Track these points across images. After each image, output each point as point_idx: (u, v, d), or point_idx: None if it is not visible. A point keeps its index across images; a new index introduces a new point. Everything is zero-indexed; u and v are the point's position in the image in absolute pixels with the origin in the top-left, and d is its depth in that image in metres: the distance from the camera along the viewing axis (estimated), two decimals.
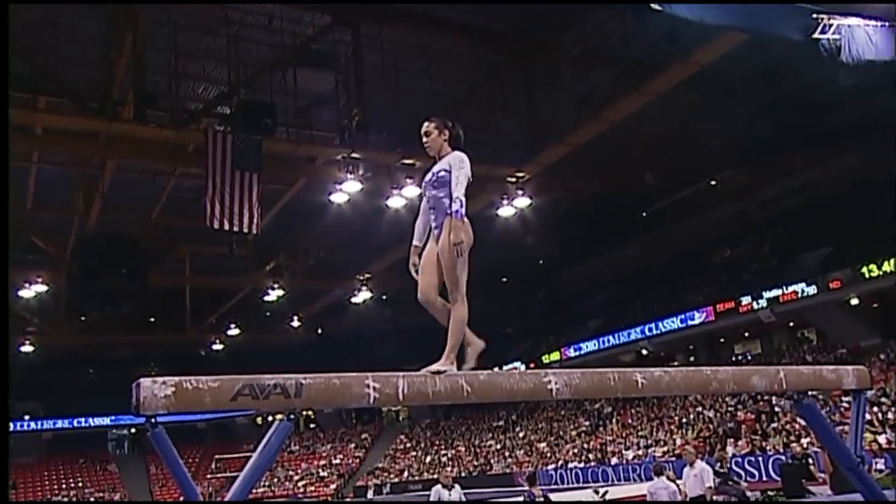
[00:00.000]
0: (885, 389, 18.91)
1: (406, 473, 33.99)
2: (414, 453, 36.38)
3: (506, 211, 20.20)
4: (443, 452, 34.50)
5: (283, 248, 24.85)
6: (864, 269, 21.13)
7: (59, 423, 40.24)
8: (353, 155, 14.98)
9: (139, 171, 18.36)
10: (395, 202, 18.38)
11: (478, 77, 16.64)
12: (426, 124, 3.92)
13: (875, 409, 17.98)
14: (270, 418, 35.45)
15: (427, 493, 9.65)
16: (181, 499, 31.82)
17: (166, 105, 14.50)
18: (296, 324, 31.74)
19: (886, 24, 12.44)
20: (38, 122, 14.13)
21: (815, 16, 12.23)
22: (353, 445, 40.55)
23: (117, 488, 38.82)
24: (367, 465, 37.71)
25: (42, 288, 21.89)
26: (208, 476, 36.27)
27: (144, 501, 36.43)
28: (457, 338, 3.78)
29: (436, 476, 22.92)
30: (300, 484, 37.37)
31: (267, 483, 37.17)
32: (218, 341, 31.67)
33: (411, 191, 17.63)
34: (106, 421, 41.27)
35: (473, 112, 16.53)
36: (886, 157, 23.37)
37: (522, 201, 19.61)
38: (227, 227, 13.75)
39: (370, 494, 30.04)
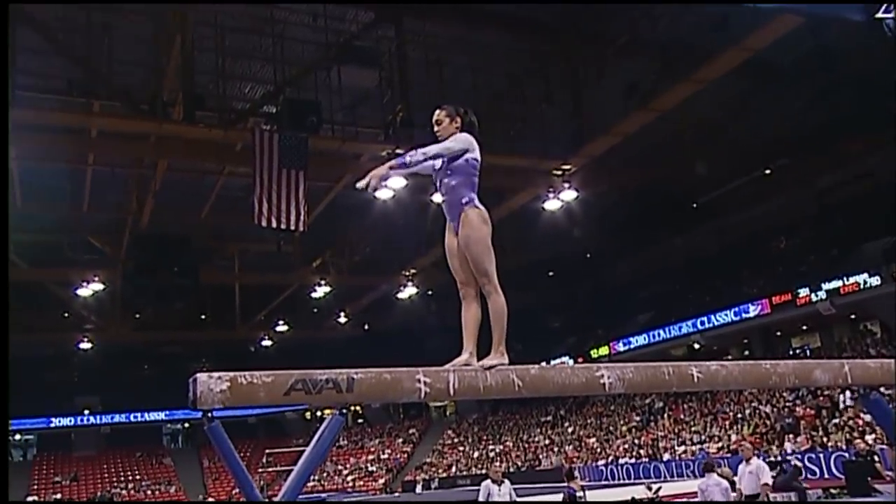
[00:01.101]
0: None
1: (454, 468, 34.09)
2: (461, 448, 36.47)
3: (552, 204, 20.03)
4: (490, 447, 34.50)
5: (329, 244, 25.15)
6: None
7: (117, 418, 41.60)
8: (398, 151, 15.03)
9: (189, 171, 18.79)
10: (438, 197, 18.43)
11: (522, 69, 16.52)
12: (437, 112, 3.86)
13: None
14: (320, 413, 35.99)
15: (476, 488, 9.64)
16: (235, 491, 32.45)
17: (214, 105, 14.80)
18: (342, 319, 32.10)
19: None
20: (93, 125, 14.55)
21: None
22: (400, 440, 40.86)
23: (172, 481, 39.92)
24: (415, 460, 37.95)
25: (99, 286, 22.58)
26: (259, 470, 37.02)
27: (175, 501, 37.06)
28: (502, 328, 3.73)
29: (484, 471, 22.98)
30: (349, 478, 37.84)
31: (316, 478, 37.73)
32: (267, 337, 32.26)
33: None
34: (161, 415, 42.50)
35: (518, 105, 16.46)
36: None
37: (569, 194, 19.41)
38: (274, 224, 13.97)
39: (419, 489, 30.26)
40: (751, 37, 13.11)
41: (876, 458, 11.28)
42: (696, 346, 27.84)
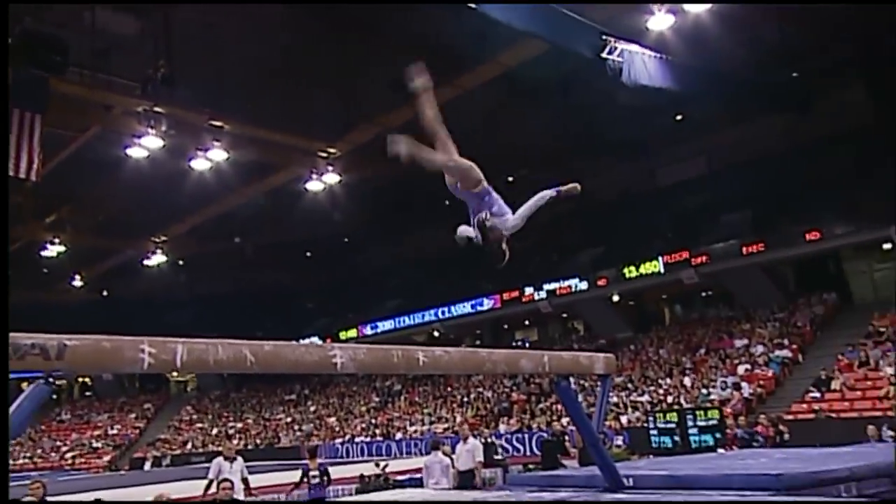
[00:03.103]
0: (631, 376, 21.25)
1: (190, 445, 32.46)
2: (200, 425, 34.84)
3: (314, 185, 19.92)
4: (231, 425, 33.40)
5: (67, 200, 22.50)
6: (626, 270, 23.56)
7: None
8: (156, 109, 13.91)
9: None
10: (200, 164, 17.39)
11: (296, 46, 16.12)
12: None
13: (623, 393, 20.16)
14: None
15: (209, 465, 9.23)
16: None
17: None
18: (78, 283, 28.95)
19: (660, 55, 13.99)
20: None
21: (604, 37, 13.45)
22: (133, 416, 37.89)
23: None
24: (148, 437, 35.49)
25: None
26: None
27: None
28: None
29: (220, 448, 22.10)
30: (68, 455, 34.25)
31: (29, 454, 33.69)
32: None
33: (218, 154, 16.78)
34: None
35: (288, 81, 16.02)
36: (653, 174, 26.30)
37: (332, 177, 19.45)
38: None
39: (147, 467, 28.27)
40: (505, 54, 14.13)
41: (566, 437, 12.86)
42: (437, 333, 29.42)
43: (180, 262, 29.85)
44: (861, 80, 19.44)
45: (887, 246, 20.39)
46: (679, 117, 22.10)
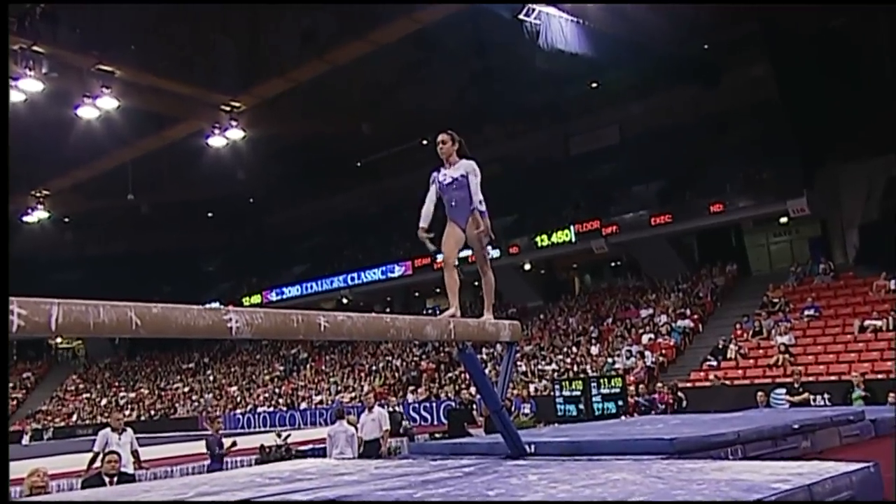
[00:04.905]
0: (540, 344, 21.88)
1: (75, 417, 31.21)
2: (87, 395, 33.51)
3: (217, 141, 19.21)
4: (122, 395, 32.27)
5: None
6: (538, 239, 24.07)
7: None
8: (36, 48, 12.95)
9: None
10: (87, 112, 16.41)
11: None
12: (442, 136, 4.88)
13: (532, 361, 20.74)
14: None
15: (96, 438, 8.88)
16: None
17: None
18: None
19: (578, 20, 14.19)
20: None
21: None
22: (10, 385, 35.97)
23: None
24: (27, 408, 33.86)
25: None
26: None
27: None
28: (491, 296, 4.96)
29: (108, 420, 21.32)
30: None
31: None
32: None
33: (107, 102, 15.87)
34: None
35: (188, 27, 15.29)
36: (566, 141, 26.85)
37: (236, 133, 18.80)
38: None
39: (25, 441, 26.96)
40: (422, 10, 13.95)
41: (474, 406, 13.12)
42: (345, 300, 29.24)
43: (65, 220, 28.28)
44: (765, 55, 20.40)
45: (784, 220, 21.70)
46: (594, 85, 22.57)
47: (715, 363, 17.21)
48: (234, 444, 10.70)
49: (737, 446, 3.90)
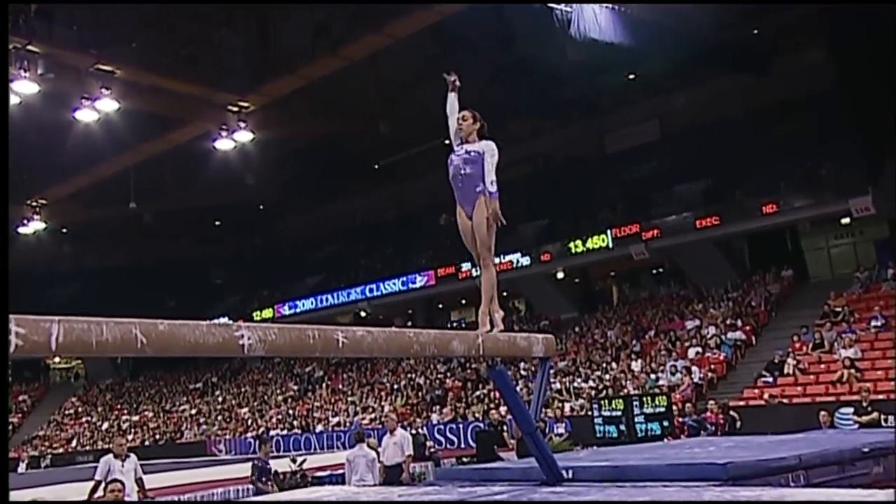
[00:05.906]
0: (576, 360, 21.76)
1: (75, 442, 31.61)
2: (88, 419, 33.93)
3: (224, 144, 19.40)
4: (125, 418, 32.63)
5: None
6: (572, 245, 23.94)
7: None
8: (31, 47, 13.20)
9: None
10: (86, 115, 16.68)
11: None
12: (464, 112, 5.03)
13: (567, 378, 20.62)
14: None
15: (97, 465, 9.00)
16: None
17: None
18: None
19: (613, 7, 14.14)
20: None
21: None
22: None
23: None
24: (23, 434, 34.37)
25: None
26: None
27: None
28: (492, 295, 4.67)
29: (110, 446, 21.56)
30: None
31: None
32: None
33: (107, 104, 16.12)
34: None
35: (192, 22, 15.52)
36: (602, 139, 26.71)
37: (244, 135, 18.97)
38: None
39: (22, 468, 27.35)
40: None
41: (505, 427, 13.06)
42: (363, 314, 29.31)
43: (63, 230, 28.73)
44: (822, 39, 20.13)
45: (846, 220, 21.36)
46: (631, 76, 22.46)
47: (770, 379, 16.97)
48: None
49: (798, 472, 3.84)
